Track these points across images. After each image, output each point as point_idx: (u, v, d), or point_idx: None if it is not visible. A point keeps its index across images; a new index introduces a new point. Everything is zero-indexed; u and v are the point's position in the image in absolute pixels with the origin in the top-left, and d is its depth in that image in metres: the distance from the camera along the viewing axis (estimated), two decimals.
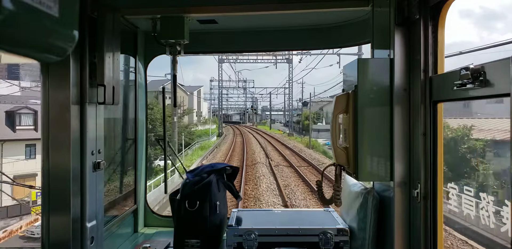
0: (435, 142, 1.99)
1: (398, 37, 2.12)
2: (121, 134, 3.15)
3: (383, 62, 2.17)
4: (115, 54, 2.27)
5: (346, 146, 2.31)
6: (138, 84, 3.23)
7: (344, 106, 2.28)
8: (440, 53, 2.01)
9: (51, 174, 2.08)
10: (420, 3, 2.00)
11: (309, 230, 2.57)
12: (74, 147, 2.09)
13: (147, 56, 3.30)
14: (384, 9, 2.22)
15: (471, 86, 1.59)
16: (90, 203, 2.18)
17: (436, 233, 1.98)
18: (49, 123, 2.07)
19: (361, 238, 2.38)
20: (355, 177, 2.26)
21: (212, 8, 2.59)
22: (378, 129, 2.18)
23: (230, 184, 2.86)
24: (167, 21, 2.59)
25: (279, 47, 3.45)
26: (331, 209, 3.07)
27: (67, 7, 0.91)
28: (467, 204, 5.49)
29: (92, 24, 2.14)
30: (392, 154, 2.14)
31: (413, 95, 2.09)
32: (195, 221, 2.62)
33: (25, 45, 0.85)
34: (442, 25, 2.01)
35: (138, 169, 3.28)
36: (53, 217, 2.09)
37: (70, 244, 2.08)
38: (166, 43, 2.68)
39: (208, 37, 3.22)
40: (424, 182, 2.00)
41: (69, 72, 2.04)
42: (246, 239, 2.54)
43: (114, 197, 2.97)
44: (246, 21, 3.07)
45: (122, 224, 2.98)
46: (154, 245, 2.72)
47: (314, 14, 2.82)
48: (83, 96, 2.13)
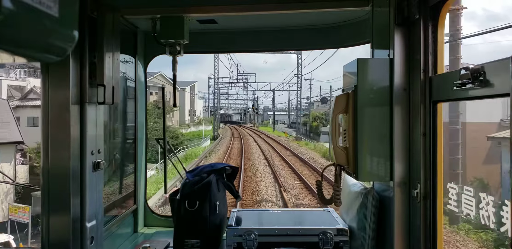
0: (434, 141, 1.99)
1: (398, 37, 2.12)
2: (121, 133, 3.15)
3: (383, 62, 2.18)
4: (115, 54, 2.27)
5: (346, 146, 2.31)
6: (138, 84, 3.23)
7: (344, 106, 2.28)
8: (440, 53, 2.02)
9: (51, 173, 2.08)
10: (420, 3, 2.00)
11: (309, 230, 2.57)
12: (74, 146, 2.09)
13: (147, 56, 3.29)
14: (384, 9, 2.22)
15: (471, 86, 1.59)
16: (90, 203, 2.18)
17: (436, 233, 1.98)
18: (49, 123, 2.07)
19: (361, 238, 2.38)
20: (355, 177, 2.26)
21: (211, 8, 2.59)
22: (378, 128, 2.18)
23: (230, 184, 2.87)
24: (167, 21, 2.59)
25: (278, 47, 3.45)
26: (331, 209, 3.07)
27: (67, 7, 0.91)
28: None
29: (92, 24, 2.14)
30: (392, 154, 2.14)
31: (413, 95, 2.09)
32: (195, 221, 2.62)
33: (25, 45, 0.85)
34: (442, 25, 2.01)
35: (138, 169, 3.28)
36: (53, 217, 2.09)
37: (70, 244, 2.08)
38: (166, 43, 2.68)
39: (208, 37, 3.22)
40: (424, 182, 2.00)
41: (69, 72, 2.04)
42: (246, 239, 2.54)
43: (114, 197, 2.97)
44: (245, 21, 3.07)
45: (122, 224, 2.98)
46: (154, 245, 2.72)
47: (313, 14, 2.82)
48: (83, 96, 2.13)
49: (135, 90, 3.21)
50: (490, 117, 13.67)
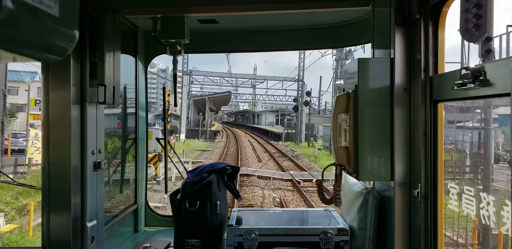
0: (435, 141, 1.99)
1: (399, 37, 2.12)
2: (122, 133, 3.16)
3: (383, 62, 2.17)
4: (115, 54, 2.27)
5: (346, 146, 2.31)
6: (139, 84, 3.23)
7: (345, 106, 2.28)
8: (440, 53, 2.02)
9: (52, 173, 2.08)
10: (420, 3, 2.00)
11: (309, 230, 2.57)
12: (75, 146, 2.09)
13: (147, 56, 3.30)
14: (384, 9, 2.22)
15: (472, 86, 1.59)
16: (91, 203, 2.18)
17: (437, 233, 1.98)
18: (49, 122, 2.07)
19: (361, 238, 2.38)
20: (355, 176, 2.26)
21: (212, 8, 2.59)
22: (379, 128, 2.18)
23: (230, 183, 2.87)
24: (168, 21, 2.59)
25: (279, 47, 3.45)
26: (331, 208, 3.07)
27: (68, 6, 0.91)
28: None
29: (93, 24, 2.14)
30: (393, 154, 2.14)
31: (413, 95, 2.09)
32: (196, 221, 2.62)
33: (26, 45, 0.85)
34: (443, 25, 2.01)
35: (138, 169, 3.28)
36: (54, 216, 2.09)
37: (70, 243, 2.08)
38: (167, 43, 2.68)
39: (208, 37, 3.22)
40: (425, 182, 2.00)
41: (70, 72, 2.04)
42: (247, 239, 2.54)
43: (115, 197, 2.97)
44: (246, 21, 3.07)
45: (123, 224, 2.98)
46: (155, 245, 2.72)
47: (314, 14, 2.82)
48: (83, 96, 2.13)
49: (135, 90, 3.21)
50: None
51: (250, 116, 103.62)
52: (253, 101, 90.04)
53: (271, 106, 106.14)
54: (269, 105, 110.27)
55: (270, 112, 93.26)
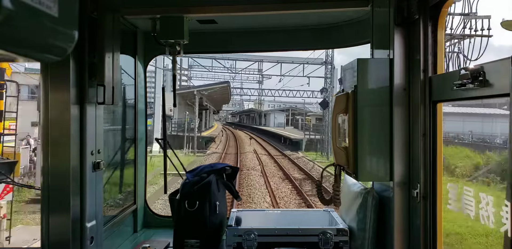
0: (434, 141, 1.99)
1: (398, 37, 2.12)
2: (121, 134, 3.15)
3: (382, 62, 2.18)
4: (114, 54, 2.27)
5: (345, 146, 2.31)
6: (138, 84, 3.23)
7: (344, 106, 2.28)
8: (439, 53, 2.02)
9: (51, 173, 2.08)
10: (420, 3, 2.00)
11: (308, 230, 2.57)
12: (74, 146, 2.09)
13: (146, 56, 3.29)
14: (383, 9, 2.22)
15: (471, 86, 1.59)
16: (90, 203, 2.18)
17: (436, 233, 1.98)
18: (49, 123, 2.07)
19: (360, 238, 2.38)
20: (354, 177, 2.26)
21: (211, 8, 2.59)
22: (378, 129, 2.18)
23: (229, 184, 2.86)
24: (167, 21, 2.59)
25: (279, 47, 3.45)
26: (330, 209, 3.07)
27: (67, 7, 0.91)
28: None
29: (92, 24, 2.14)
30: (392, 154, 2.14)
31: (412, 95, 2.09)
32: (195, 221, 2.62)
33: (25, 45, 0.85)
34: (442, 25, 2.01)
35: (137, 169, 3.28)
36: (53, 217, 2.09)
37: (69, 244, 2.08)
38: (166, 43, 2.68)
39: (208, 37, 3.22)
40: (424, 182, 2.00)
41: (69, 72, 2.04)
42: (246, 239, 2.54)
43: (114, 197, 2.97)
44: (246, 21, 3.07)
45: (122, 224, 2.98)
46: (154, 245, 2.72)
47: (314, 14, 2.82)
48: (83, 96, 2.13)
49: (135, 90, 3.21)
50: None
51: (256, 116, 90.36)
52: (258, 99, 74.60)
53: (278, 105, 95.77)
54: (276, 105, 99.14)
55: (279, 111, 78.57)
